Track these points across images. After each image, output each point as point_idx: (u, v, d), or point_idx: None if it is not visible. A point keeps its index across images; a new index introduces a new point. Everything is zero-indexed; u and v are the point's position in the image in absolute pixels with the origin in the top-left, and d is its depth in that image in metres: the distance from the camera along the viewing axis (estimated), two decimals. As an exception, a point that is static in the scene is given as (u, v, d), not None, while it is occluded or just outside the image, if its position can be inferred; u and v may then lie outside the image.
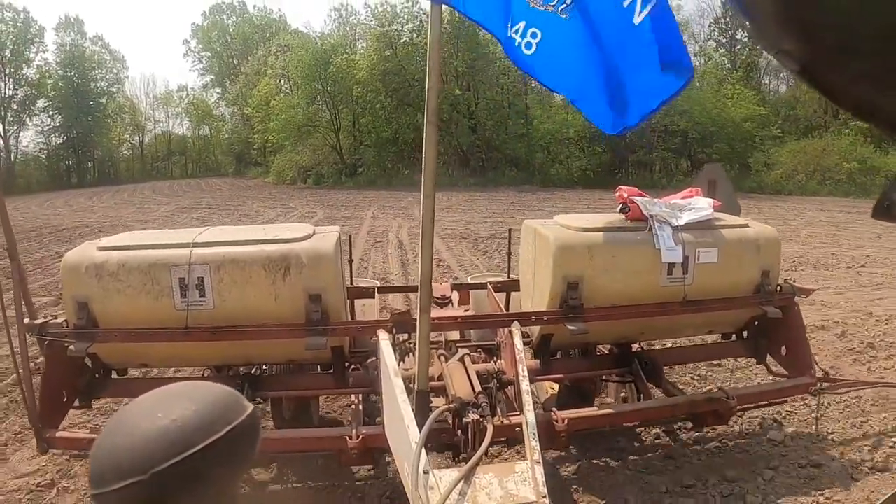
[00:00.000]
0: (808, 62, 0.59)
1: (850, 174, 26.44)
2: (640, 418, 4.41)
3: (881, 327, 7.41)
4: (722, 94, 33.48)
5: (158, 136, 65.61)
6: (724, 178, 5.37)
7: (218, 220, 20.29)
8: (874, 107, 0.62)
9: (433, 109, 3.18)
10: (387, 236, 15.51)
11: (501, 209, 21.60)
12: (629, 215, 4.18)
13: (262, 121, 42.63)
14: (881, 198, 0.81)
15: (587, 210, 19.95)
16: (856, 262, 11.74)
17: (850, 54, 0.56)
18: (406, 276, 10.98)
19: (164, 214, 23.28)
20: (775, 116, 33.91)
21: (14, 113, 51.01)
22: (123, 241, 3.83)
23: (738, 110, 32.27)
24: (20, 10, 50.41)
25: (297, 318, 3.67)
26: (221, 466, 1.15)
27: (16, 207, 25.21)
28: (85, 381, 3.95)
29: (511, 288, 5.41)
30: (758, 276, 4.20)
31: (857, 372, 6.00)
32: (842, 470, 4.21)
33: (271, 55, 47.37)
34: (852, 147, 27.82)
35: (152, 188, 41.22)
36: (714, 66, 37.44)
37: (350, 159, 39.23)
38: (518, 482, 2.58)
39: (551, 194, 27.22)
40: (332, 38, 42.24)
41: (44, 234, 17.65)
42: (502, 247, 12.77)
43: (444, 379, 3.77)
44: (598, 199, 24.14)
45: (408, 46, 36.49)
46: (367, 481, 4.25)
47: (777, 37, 0.59)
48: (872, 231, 15.20)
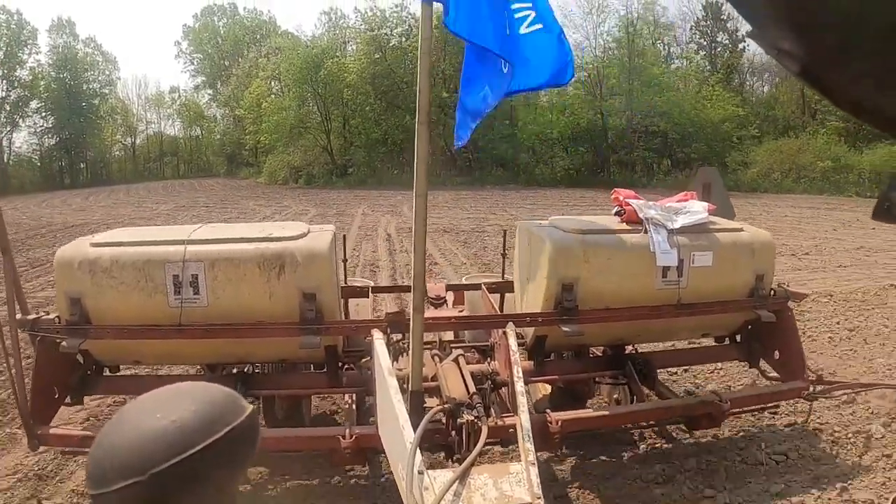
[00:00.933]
0: (808, 62, 0.58)
1: (825, 172, 27.49)
2: (633, 420, 4.42)
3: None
4: (701, 96, 34.84)
5: (150, 137, 66.10)
6: (718, 181, 5.38)
7: (217, 218, 21.46)
8: (875, 107, 0.62)
9: (425, 110, 3.18)
10: (376, 230, 16.65)
11: (485, 207, 22.74)
12: (624, 218, 4.19)
13: (254, 122, 43.98)
14: (881, 199, 0.80)
15: (566, 207, 22.75)
16: (802, 250, 12.44)
17: (850, 54, 0.55)
18: (393, 263, 12.29)
19: (164, 212, 24.19)
20: (754, 117, 34.92)
21: (7, 114, 51.23)
22: (117, 238, 3.81)
23: (717, 111, 33.59)
24: (13, 11, 50.87)
25: (291, 317, 3.66)
26: (221, 467, 1.15)
27: (16, 207, 26.70)
28: (77, 378, 3.92)
29: (506, 289, 5.40)
30: (752, 280, 4.22)
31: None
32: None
33: (262, 57, 49.04)
34: (827, 146, 28.95)
35: (147, 188, 42.03)
36: (694, 69, 38.68)
37: (340, 160, 40.34)
38: (513, 483, 2.58)
39: (534, 193, 28.55)
40: (323, 41, 43.38)
41: (53, 230, 18.46)
42: (480, 238, 14.87)
43: (438, 379, 3.77)
44: (579, 197, 25.95)
45: (397, 50, 37.89)
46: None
47: (776, 36, 0.59)
48: (831, 226, 16.44)
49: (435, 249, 13.13)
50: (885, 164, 25.40)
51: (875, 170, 25.70)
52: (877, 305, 8.47)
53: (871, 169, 25.96)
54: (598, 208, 20.75)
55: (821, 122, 31.65)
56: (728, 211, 5.00)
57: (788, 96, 36.46)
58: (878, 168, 25.65)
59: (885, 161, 25.67)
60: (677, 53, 40.70)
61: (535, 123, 35.85)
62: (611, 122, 35.07)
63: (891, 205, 0.78)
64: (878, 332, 7.25)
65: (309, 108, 40.87)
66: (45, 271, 11.36)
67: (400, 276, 10.99)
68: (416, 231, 3.30)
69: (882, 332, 7.25)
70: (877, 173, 25.34)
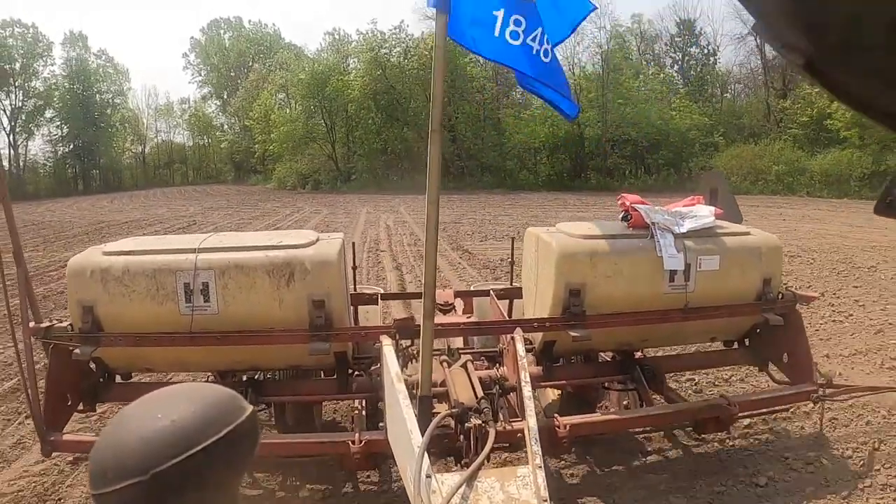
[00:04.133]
0: (813, 57, 0.58)
1: (779, 175, 30.67)
2: (641, 425, 4.42)
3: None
4: (671, 107, 38.43)
5: (159, 144, 68.52)
6: (724, 186, 5.38)
7: (246, 216, 25.44)
8: (881, 103, 0.61)
9: (438, 117, 3.15)
10: (378, 223, 21.07)
11: (471, 207, 25.93)
12: (631, 223, 4.20)
13: (263, 132, 48.73)
14: (882, 194, 0.81)
15: (544, 207, 25.85)
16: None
17: (857, 49, 0.55)
18: (390, 241, 16.50)
19: (197, 212, 27.67)
20: (722, 125, 38.18)
21: (23, 123, 53.42)
22: (128, 246, 3.86)
23: (684, 121, 37.26)
24: (29, 25, 53.24)
25: (300, 324, 3.69)
26: (221, 467, 1.16)
27: (48, 209, 31.15)
28: (89, 385, 3.97)
29: (514, 295, 5.42)
30: (759, 284, 4.21)
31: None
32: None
33: (269, 70, 53.79)
34: (782, 151, 32.17)
35: (163, 194, 45.19)
36: (661, 83, 41.38)
37: (344, 167, 44.61)
38: (520, 486, 2.60)
39: (518, 196, 32.23)
40: (329, 59, 48.22)
41: (100, 227, 22.09)
42: (456, 228, 18.61)
43: (446, 385, 3.78)
44: (557, 199, 29.44)
45: (396, 68, 41.79)
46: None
47: (781, 31, 0.59)
48: (772, 223, 17.73)
49: (420, 231, 15.80)
50: (833, 167, 28.82)
51: (824, 172, 29.11)
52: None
53: (821, 171, 29.37)
54: (575, 209, 24.52)
55: (783, 129, 34.78)
56: (735, 215, 5.00)
57: (756, 106, 40.33)
58: (827, 170, 29.03)
59: (833, 165, 28.98)
60: (647, 70, 43.48)
61: (522, 133, 39.27)
62: (587, 132, 38.50)
63: (892, 200, 0.80)
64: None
65: (316, 121, 45.57)
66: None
67: (396, 249, 14.99)
68: (427, 238, 3.27)
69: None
70: (825, 175, 28.89)
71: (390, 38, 43.44)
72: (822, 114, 31.03)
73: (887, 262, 11.57)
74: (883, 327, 7.57)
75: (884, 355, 6.57)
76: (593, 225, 4.35)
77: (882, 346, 6.91)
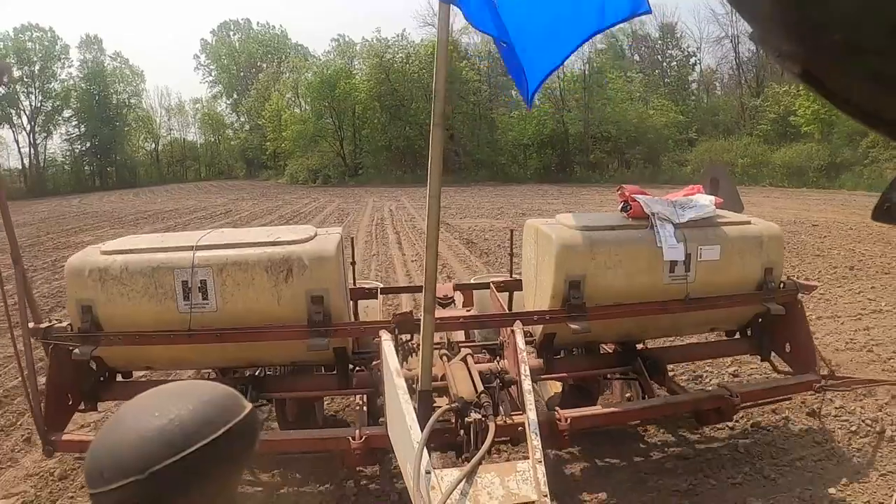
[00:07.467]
0: (810, 64, 0.58)
1: (744, 168, 33.83)
2: (643, 416, 4.40)
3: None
4: (649, 106, 42.52)
5: (172, 142, 71.14)
6: (726, 176, 5.35)
7: (270, 205, 28.89)
8: (879, 110, 0.61)
9: (440, 112, 3.07)
10: (383, 209, 24.49)
11: (463, 196, 28.87)
12: (631, 213, 4.17)
13: (274, 130, 53.99)
14: (881, 200, 0.79)
15: (529, 196, 28.51)
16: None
17: (853, 55, 0.54)
18: (392, 218, 20.66)
19: (223, 203, 31.02)
20: (698, 123, 42.37)
21: (42, 123, 55.95)
22: (126, 245, 3.85)
23: (660, 118, 41.12)
24: (46, 28, 55.38)
25: (299, 320, 3.68)
26: (220, 465, 1.15)
27: (82, 201, 35.11)
28: (90, 384, 3.96)
29: (514, 287, 5.40)
30: (761, 273, 4.18)
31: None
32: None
33: (280, 72, 59.26)
34: (748, 146, 35.86)
35: (182, 189, 48.49)
36: (642, 83, 45.35)
37: (352, 163, 49.49)
38: (519, 481, 2.58)
39: (507, 188, 35.32)
40: (336, 63, 52.90)
41: (149, 216, 25.08)
42: (443, 212, 20.53)
43: (446, 379, 3.77)
44: (543, 190, 32.58)
45: (398, 72, 46.07)
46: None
47: (778, 39, 0.58)
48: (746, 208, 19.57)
49: (416, 212, 20.06)
50: (793, 160, 32.26)
51: (785, 164, 32.55)
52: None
53: (783, 163, 32.78)
54: (551, 198, 27.71)
55: (753, 125, 38.63)
56: (736, 205, 4.97)
57: (731, 104, 44.25)
58: (788, 163, 32.49)
59: (792, 158, 32.42)
60: (629, 70, 46.58)
61: (513, 131, 43.63)
62: (571, 130, 42.70)
63: (891, 206, 0.78)
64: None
65: (325, 122, 50.53)
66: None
67: (397, 223, 18.97)
68: (429, 232, 3.22)
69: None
70: (787, 166, 32.33)
71: (393, 45, 48.66)
72: (787, 110, 34.87)
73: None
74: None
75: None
76: (592, 216, 4.32)
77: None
